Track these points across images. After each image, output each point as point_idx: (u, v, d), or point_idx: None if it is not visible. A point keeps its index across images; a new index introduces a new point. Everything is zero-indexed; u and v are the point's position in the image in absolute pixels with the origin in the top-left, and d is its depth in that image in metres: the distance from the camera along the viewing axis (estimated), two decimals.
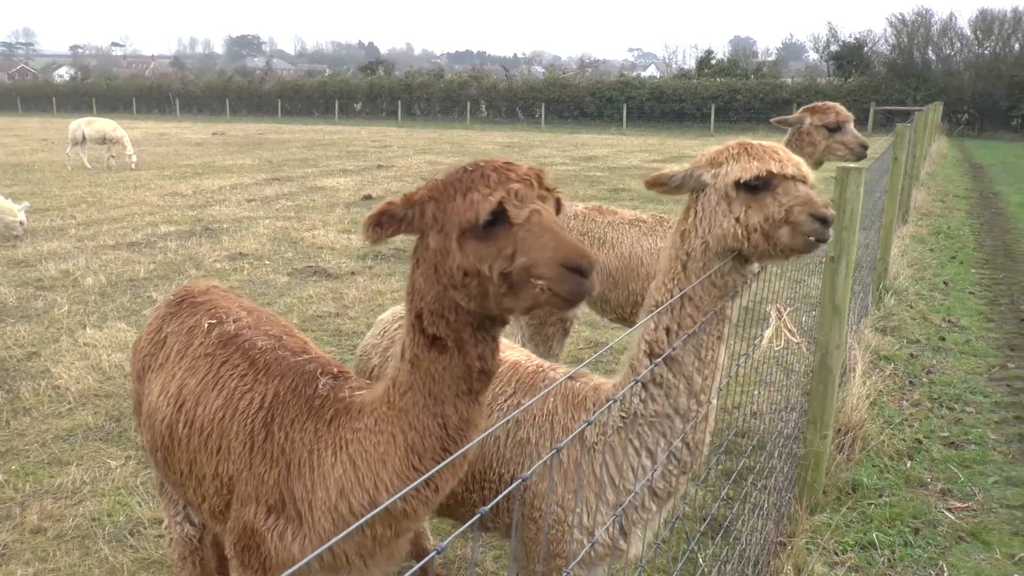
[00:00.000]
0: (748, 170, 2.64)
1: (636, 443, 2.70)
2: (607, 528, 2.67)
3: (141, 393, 3.16)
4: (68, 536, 4.59)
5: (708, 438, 2.76)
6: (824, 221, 2.58)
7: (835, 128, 5.20)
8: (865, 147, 5.20)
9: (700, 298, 2.66)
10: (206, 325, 2.97)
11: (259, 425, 2.51)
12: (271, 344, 2.80)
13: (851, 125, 5.23)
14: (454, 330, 2.05)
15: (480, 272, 1.94)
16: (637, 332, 2.76)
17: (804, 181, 2.66)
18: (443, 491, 2.22)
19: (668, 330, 2.69)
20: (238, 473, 2.53)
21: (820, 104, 5.34)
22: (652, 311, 2.71)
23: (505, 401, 2.97)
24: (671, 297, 2.69)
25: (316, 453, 2.35)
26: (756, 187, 2.64)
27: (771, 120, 5.54)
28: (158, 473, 3.20)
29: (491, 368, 2.10)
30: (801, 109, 5.41)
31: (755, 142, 2.72)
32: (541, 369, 3.06)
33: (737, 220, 2.66)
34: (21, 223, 12.91)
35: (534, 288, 1.88)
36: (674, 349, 2.65)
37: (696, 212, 2.74)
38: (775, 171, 2.63)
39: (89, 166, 23.28)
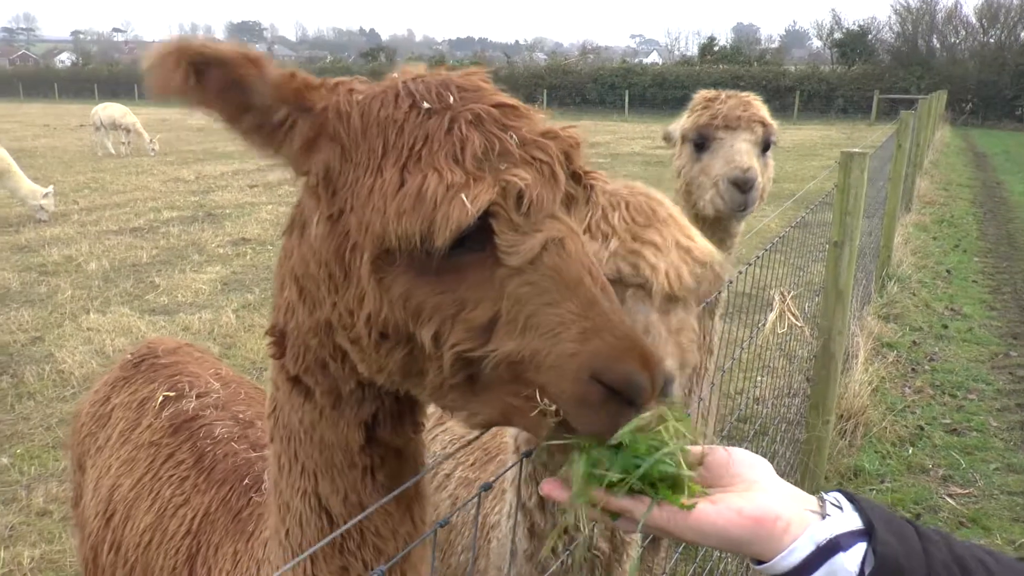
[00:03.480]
0: None
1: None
2: None
3: (80, 485, 2.42)
4: (73, 518, 4.62)
5: None
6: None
7: (700, 143, 2.98)
8: (743, 187, 2.78)
9: None
10: (160, 398, 2.22)
11: (183, 559, 1.80)
12: (232, 433, 2.03)
13: (736, 140, 2.86)
14: (332, 379, 1.20)
15: (414, 339, 1.03)
16: None
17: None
18: None
19: None
20: None
21: (705, 93, 3.09)
22: None
23: (463, 472, 2.25)
24: None
25: None
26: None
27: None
28: None
29: (390, 439, 1.24)
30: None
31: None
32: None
33: None
34: (43, 207, 13.10)
35: (525, 403, 0.99)
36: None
37: None
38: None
39: (113, 151, 23.25)
